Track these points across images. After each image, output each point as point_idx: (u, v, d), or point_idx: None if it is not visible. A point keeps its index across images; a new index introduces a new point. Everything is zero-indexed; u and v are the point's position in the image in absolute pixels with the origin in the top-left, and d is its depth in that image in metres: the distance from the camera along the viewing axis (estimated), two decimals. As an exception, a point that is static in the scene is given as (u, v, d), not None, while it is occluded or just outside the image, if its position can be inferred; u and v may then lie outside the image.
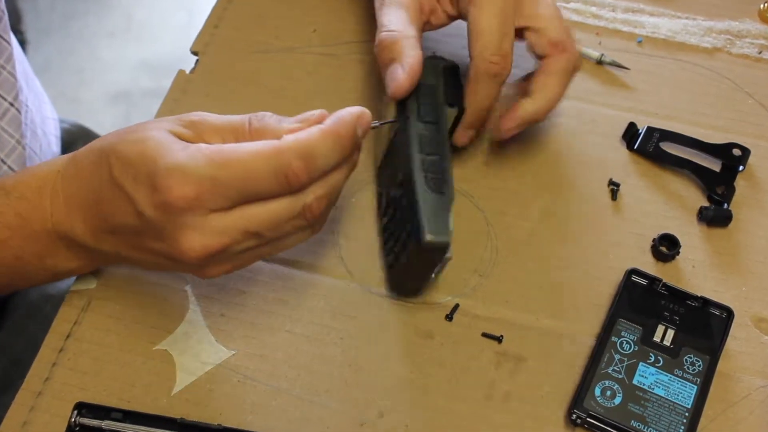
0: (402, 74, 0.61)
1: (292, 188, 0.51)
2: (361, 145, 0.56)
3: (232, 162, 0.50)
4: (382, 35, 0.63)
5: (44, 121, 0.84)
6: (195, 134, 0.54)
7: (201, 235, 0.51)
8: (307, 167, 0.51)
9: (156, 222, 0.51)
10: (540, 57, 0.65)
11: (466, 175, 0.71)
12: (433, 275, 0.61)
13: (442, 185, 0.58)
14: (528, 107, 0.65)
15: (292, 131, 0.53)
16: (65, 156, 0.59)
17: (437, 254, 0.58)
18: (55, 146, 0.87)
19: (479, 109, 0.64)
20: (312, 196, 0.53)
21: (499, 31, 0.62)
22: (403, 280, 0.64)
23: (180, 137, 0.53)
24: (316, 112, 0.54)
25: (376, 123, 0.57)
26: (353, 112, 0.53)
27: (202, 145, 0.51)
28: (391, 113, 0.68)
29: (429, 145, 0.60)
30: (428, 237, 0.56)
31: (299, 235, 0.55)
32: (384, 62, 0.62)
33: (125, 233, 0.54)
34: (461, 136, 0.66)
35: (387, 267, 0.65)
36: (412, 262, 0.60)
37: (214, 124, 0.54)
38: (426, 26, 0.67)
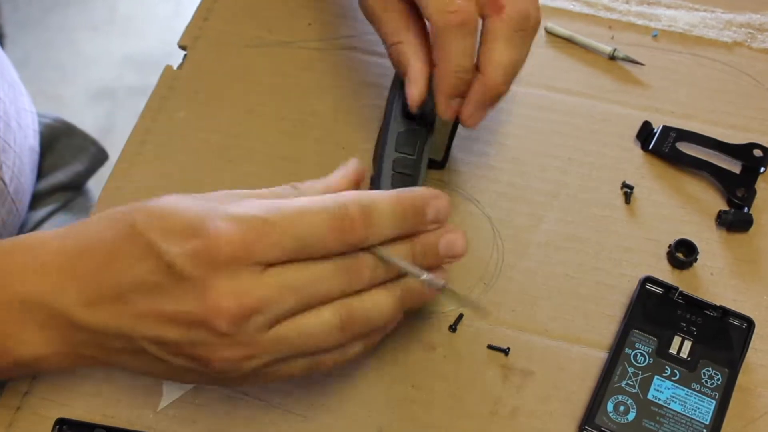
0: (411, 87, 0.61)
1: (345, 238, 0.49)
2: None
3: (287, 209, 0.48)
4: (388, 52, 0.63)
5: (20, 113, 0.84)
6: None
7: (237, 288, 0.47)
8: (364, 216, 0.49)
9: (187, 275, 0.47)
10: (482, 18, 0.61)
11: (471, 178, 0.72)
12: None
13: (407, 185, 0.59)
14: (477, 86, 0.61)
15: (341, 184, 0.53)
16: (53, 230, 0.54)
17: None
18: (33, 139, 0.87)
19: (454, 71, 0.60)
20: (364, 259, 0.50)
21: None
22: None
23: None
24: (352, 161, 0.55)
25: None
26: (426, 191, 0.53)
27: (254, 199, 0.50)
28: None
29: (406, 144, 0.61)
30: None
31: (328, 318, 0.50)
32: (401, 74, 0.64)
33: (135, 297, 0.49)
34: (443, 106, 0.62)
35: None
36: None
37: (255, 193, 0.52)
38: None
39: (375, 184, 0.61)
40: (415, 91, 0.61)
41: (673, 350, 0.63)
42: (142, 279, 0.48)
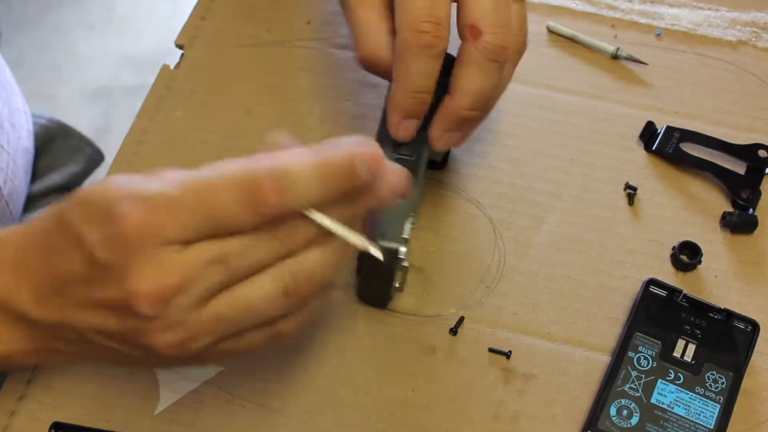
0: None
1: (258, 214, 0.46)
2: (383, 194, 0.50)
3: (194, 183, 0.47)
4: (358, 57, 0.60)
5: (13, 113, 0.84)
6: None
7: (154, 271, 0.46)
8: (279, 189, 0.46)
9: (106, 262, 0.46)
10: (460, 38, 0.59)
11: (471, 179, 0.72)
12: (396, 284, 0.62)
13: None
14: (442, 108, 0.60)
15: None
16: (14, 226, 0.54)
17: (388, 261, 0.57)
18: (27, 140, 0.87)
19: (411, 90, 0.58)
20: (291, 233, 0.48)
21: None
22: (366, 288, 0.65)
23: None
24: (273, 136, 0.51)
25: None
26: (352, 140, 0.49)
27: (169, 172, 0.48)
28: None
29: (405, 144, 0.61)
30: (378, 242, 0.56)
31: (266, 285, 0.49)
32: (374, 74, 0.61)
33: (72, 287, 0.49)
34: (396, 124, 0.60)
35: (356, 272, 0.66)
36: (369, 269, 0.61)
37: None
38: None
39: None
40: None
41: (676, 353, 0.63)
42: (73, 270, 0.48)
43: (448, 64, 0.64)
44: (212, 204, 0.46)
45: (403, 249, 0.57)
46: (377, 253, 0.51)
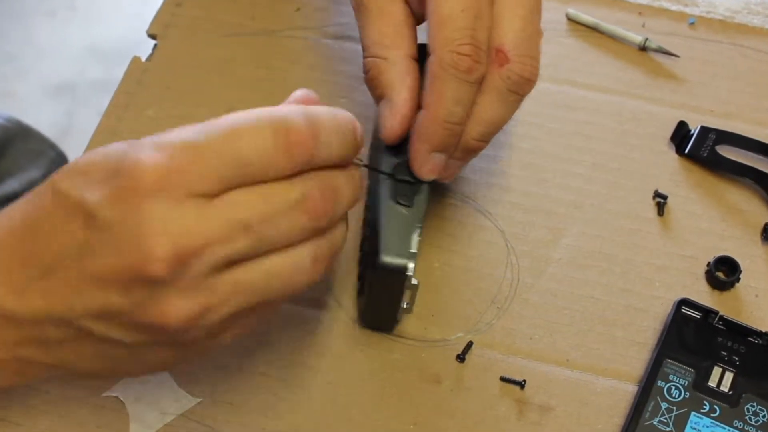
0: (390, 118, 0.59)
1: (294, 160, 0.48)
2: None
3: (215, 126, 0.47)
4: (365, 62, 0.61)
5: None
6: None
7: (172, 228, 0.45)
8: (313, 133, 0.48)
9: (110, 220, 0.45)
10: None
11: (481, 187, 0.72)
12: (404, 305, 0.62)
13: (412, 197, 0.59)
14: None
15: None
16: None
17: (395, 279, 0.58)
18: None
19: (444, 119, 0.58)
20: (314, 181, 0.50)
21: (471, 12, 0.56)
22: (371, 310, 0.65)
23: None
24: (298, 92, 0.53)
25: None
26: (347, 113, 0.52)
27: (180, 128, 0.48)
28: None
29: (406, 147, 0.61)
30: (383, 258, 0.57)
31: (297, 254, 0.50)
32: (374, 96, 0.61)
33: (64, 265, 0.48)
34: (421, 159, 0.59)
35: (357, 294, 0.66)
36: (371, 287, 0.61)
37: None
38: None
39: (373, 192, 0.61)
40: (395, 123, 0.59)
41: (712, 383, 0.63)
42: (67, 241, 0.47)
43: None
44: (243, 146, 0.47)
45: (411, 265, 0.57)
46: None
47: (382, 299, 0.62)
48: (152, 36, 0.80)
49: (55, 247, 0.48)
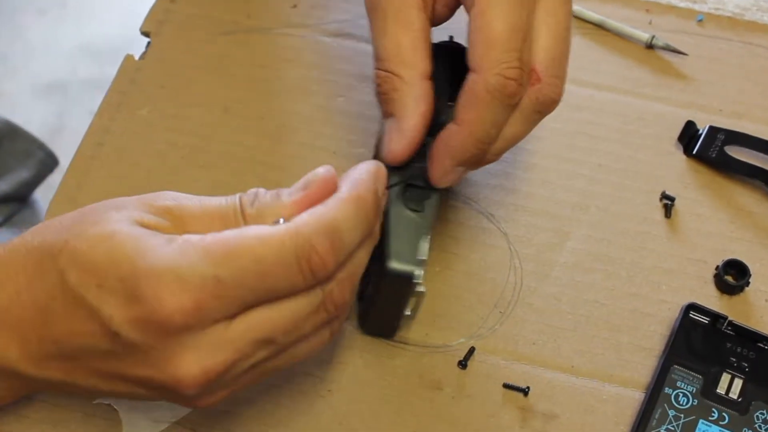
0: (396, 142, 0.59)
1: (317, 278, 0.49)
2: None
3: (238, 253, 0.48)
4: (377, 73, 0.59)
5: None
6: (173, 225, 0.51)
7: (199, 356, 0.48)
8: (333, 248, 0.49)
9: (138, 344, 0.48)
10: None
11: (484, 188, 0.72)
12: (408, 312, 0.62)
13: (423, 202, 0.59)
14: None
15: (298, 204, 0.51)
16: None
17: (402, 286, 0.58)
18: None
19: (477, 138, 0.57)
20: (333, 281, 0.51)
21: (520, 34, 0.56)
22: (372, 315, 0.65)
23: (155, 229, 0.50)
24: (320, 171, 0.52)
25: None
26: (369, 169, 0.53)
27: (192, 237, 0.49)
28: None
29: (419, 154, 0.60)
30: (391, 264, 0.57)
31: (317, 337, 0.54)
32: (381, 109, 0.60)
33: (87, 359, 0.51)
34: (445, 170, 0.59)
35: (358, 298, 0.66)
36: (376, 293, 0.61)
37: (194, 211, 0.52)
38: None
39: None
40: (401, 148, 0.58)
41: (721, 390, 0.63)
42: (90, 344, 0.49)
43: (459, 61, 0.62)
44: (266, 280, 0.48)
45: (418, 272, 0.57)
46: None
47: (387, 305, 0.62)
48: (145, 34, 0.80)
49: (75, 343, 0.50)
